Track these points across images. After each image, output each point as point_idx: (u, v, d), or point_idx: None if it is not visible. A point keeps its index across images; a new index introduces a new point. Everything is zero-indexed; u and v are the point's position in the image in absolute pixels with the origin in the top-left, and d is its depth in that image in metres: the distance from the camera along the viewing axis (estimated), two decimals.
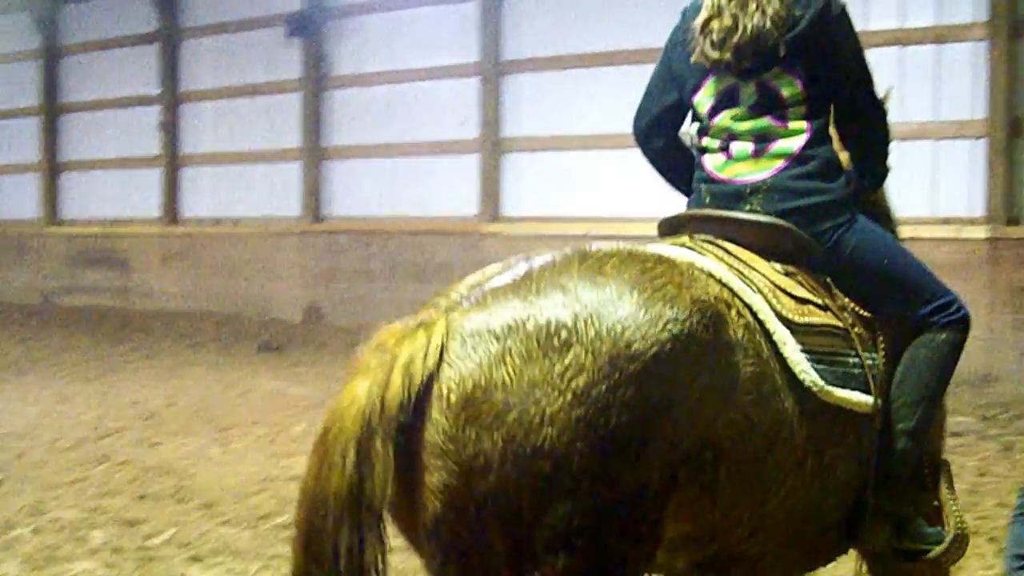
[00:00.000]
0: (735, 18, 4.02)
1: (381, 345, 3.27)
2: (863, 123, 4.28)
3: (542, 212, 16.30)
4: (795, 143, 4.09)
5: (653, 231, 4.34)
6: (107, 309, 21.13)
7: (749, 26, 3.99)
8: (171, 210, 21.17)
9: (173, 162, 21.16)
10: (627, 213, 15.25)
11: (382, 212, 18.12)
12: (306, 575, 3.21)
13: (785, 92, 4.10)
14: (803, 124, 4.10)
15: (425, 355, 3.17)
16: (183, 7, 21.09)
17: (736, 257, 3.84)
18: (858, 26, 4.24)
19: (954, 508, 4.10)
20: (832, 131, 4.18)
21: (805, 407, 3.61)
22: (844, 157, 4.25)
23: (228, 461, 9.59)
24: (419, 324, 3.25)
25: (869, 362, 3.88)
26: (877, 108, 4.29)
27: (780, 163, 4.08)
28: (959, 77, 13.25)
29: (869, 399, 3.81)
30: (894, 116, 4.50)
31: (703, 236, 3.98)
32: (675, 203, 4.54)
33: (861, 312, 4.04)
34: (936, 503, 4.14)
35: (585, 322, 3.14)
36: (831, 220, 4.07)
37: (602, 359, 3.08)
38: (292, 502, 7.52)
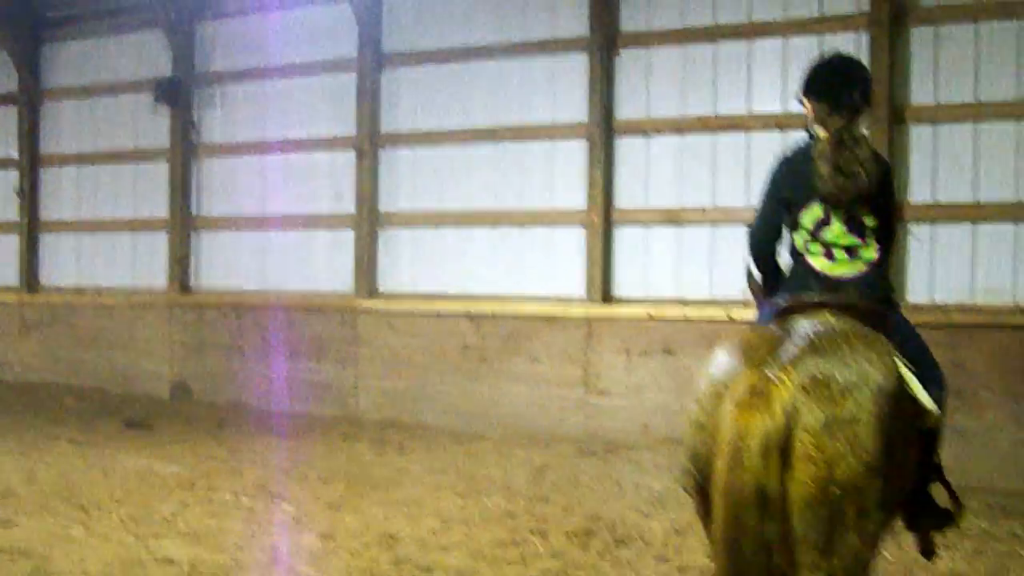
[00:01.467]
0: (844, 167, 5.71)
1: (753, 388, 4.91)
2: (890, 245, 6.10)
3: (418, 288, 16.05)
4: (873, 255, 5.90)
5: (529, 309, 5.86)
6: None
7: (856, 175, 5.70)
8: (30, 278, 20.41)
9: (32, 228, 20.43)
10: (503, 290, 15.19)
11: (254, 285, 17.65)
12: (739, 546, 4.84)
13: (867, 222, 5.87)
14: (876, 244, 5.92)
15: (791, 399, 4.88)
16: (45, 68, 20.45)
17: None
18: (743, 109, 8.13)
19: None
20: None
21: (922, 422, 5.57)
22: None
23: (91, 543, 9.00)
24: (774, 378, 4.93)
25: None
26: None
27: (865, 268, 5.87)
28: None
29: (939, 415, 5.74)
30: None
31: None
32: (543, 282, 10.25)
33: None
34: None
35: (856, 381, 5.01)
36: (890, 306, 6.01)
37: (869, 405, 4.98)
38: None
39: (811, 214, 5.85)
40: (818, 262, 5.84)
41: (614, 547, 8.96)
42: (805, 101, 6.16)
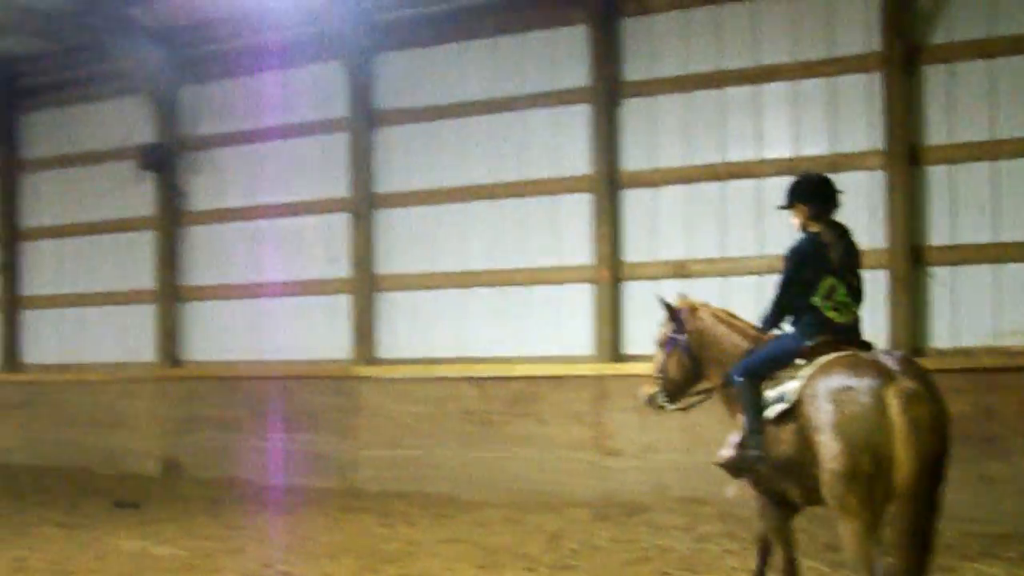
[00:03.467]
0: (844, 253, 7.99)
1: (907, 391, 6.96)
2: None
3: (418, 353, 15.61)
4: (858, 309, 8.04)
5: (535, 370, 10.81)
6: None
7: (851, 257, 8.03)
8: (11, 356, 19.91)
9: (12, 305, 19.96)
10: (506, 351, 14.84)
11: (246, 356, 17.13)
12: (923, 486, 6.94)
13: (857, 285, 8.04)
14: (858, 301, 8.05)
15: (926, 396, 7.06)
16: (23, 139, 19.99)
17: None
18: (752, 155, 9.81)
19: None
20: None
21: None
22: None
23: None
24: (913, 386, 7.03)
25: None
26: None
27: (856, 317, 8.01)
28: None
29: None
30: None
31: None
32: (549, 342, 13.34)
33: None
34: None
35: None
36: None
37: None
38: None
39: (826, 284, 7.94)
40: (831, 315, 7.91)
41: None
42: (797, 206, 8.24)
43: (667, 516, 12.43)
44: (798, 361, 7.60)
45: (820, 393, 7.19)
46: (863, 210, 12.83)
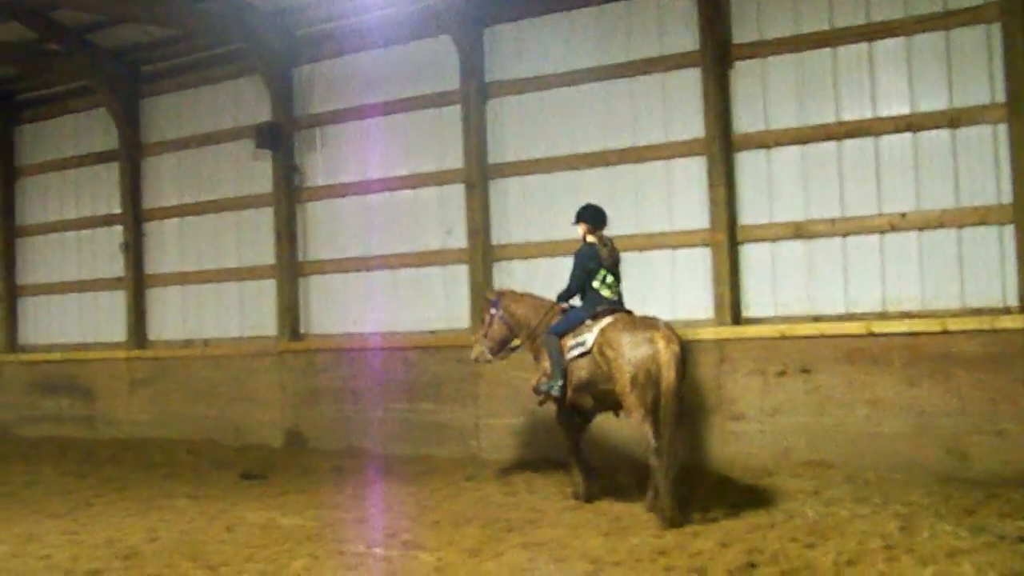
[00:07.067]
0: (609, 254, 12.15)
1: (666, 336, 11.14)
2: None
3: None
4: (621, 290, 12.25)
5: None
6: (71, 439, 20.04)
7: (615, 257, 12.23)
8: (137, 333, 20.25)
9: (138, 283, 20.31)
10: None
11: (366, 328, 17.29)
12: (668, 400, 10.92)
13: (617, 274, 12.25)
14: (621, 284, 12.29)
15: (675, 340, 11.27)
16: (144, 123, 20.35)
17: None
18: (868, 112, 13.22)
19: None
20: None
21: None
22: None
23: None
24: (668, 332, 11.28)
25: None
26: None
27: (619, 294, 12.20)
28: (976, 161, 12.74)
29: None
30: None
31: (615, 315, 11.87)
32: (666, 307, 13.92)
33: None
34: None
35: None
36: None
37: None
38: None
39: (600, 274, 12.10)
40: (604, 292, 12.09)
41: None
42: (581, 224, 12.37)
43: (793, 480, 12.32)
44: (587, 322, 11.86)
45: (613, 338, 11.37)
46: (984, 165, 12.63)
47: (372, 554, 9.99)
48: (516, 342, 12.94)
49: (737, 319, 14.00)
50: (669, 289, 14.61)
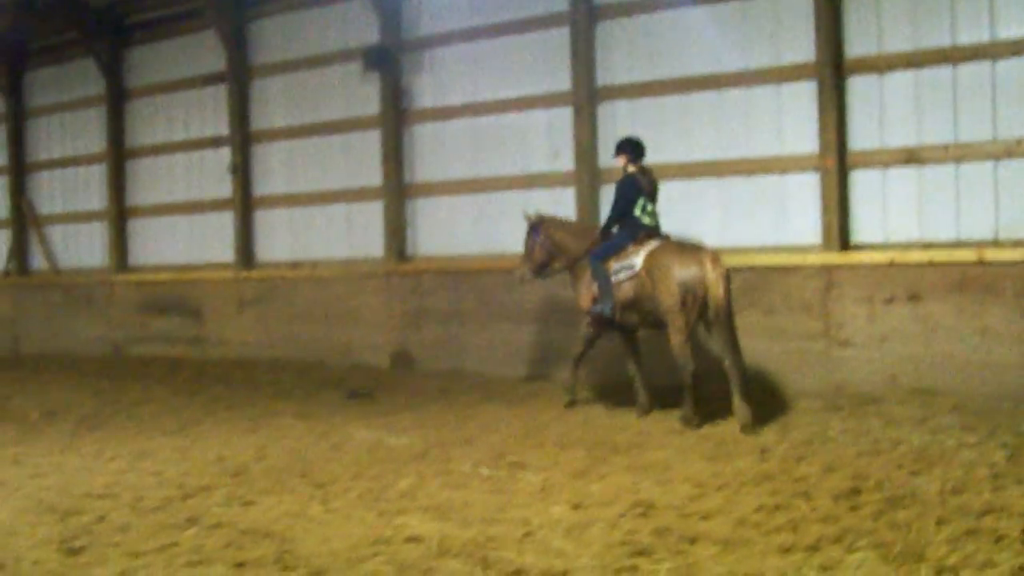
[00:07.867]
0: (649, 184, 12.82)
1: (713, 257, 11.93)
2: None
3: None
4: (660, 217, 12.97)
5: (762, 260, 14.20)
6: (180, 359, 20.45)
7: (654, 186, 12.88)
8: (245, 254, 20.48)
9: (246, 204, 20.50)
10: (732, 241, 14.70)
11: (471, 250, 17.37)
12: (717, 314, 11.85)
13: (655, 202, 12.93)
14: (658, 213, 13.01)
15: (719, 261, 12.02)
16: (252, 45, 20.47)
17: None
18: (985, 36, 12.85)
19: None
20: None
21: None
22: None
23: (332, 521, 8.59)
24: (713, 255, 12.07)
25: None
26: None
27: (657, 222, 12.88)
28: None
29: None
30: None
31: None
32: (775, 232, 14.64)
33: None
34: None
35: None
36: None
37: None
38: (412, 567, 6.49)
39: (640, 201, 12.71)
40: (645, 219, 12.73)
41: (888, 509, 8.21)
42: (621, 156, 13.00)
43: (899, 408, 12.20)
44: (630, 247, 12.56)
45: (662, 261, 12.10)
46: None
47: (478, 474, 10.07)
48: (556, 265, 13.63)
49: (846, 245, 13.81)
50: (778, 213, 14.45)
